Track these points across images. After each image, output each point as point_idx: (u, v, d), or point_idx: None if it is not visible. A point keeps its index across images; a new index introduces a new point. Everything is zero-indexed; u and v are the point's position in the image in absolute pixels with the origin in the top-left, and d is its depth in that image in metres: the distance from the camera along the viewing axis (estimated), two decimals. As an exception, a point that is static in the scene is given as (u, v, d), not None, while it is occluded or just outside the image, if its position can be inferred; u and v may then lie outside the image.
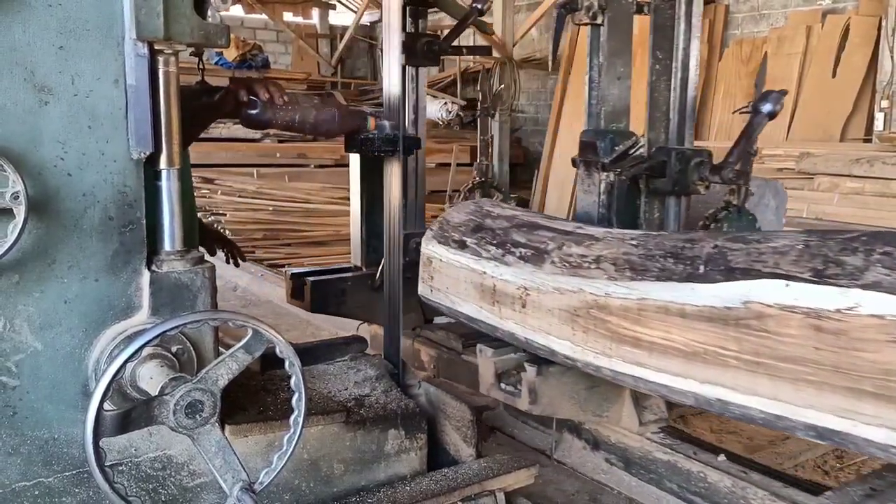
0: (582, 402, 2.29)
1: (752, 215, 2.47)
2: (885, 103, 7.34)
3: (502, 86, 5.19)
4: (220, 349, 1.73)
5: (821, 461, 2.98)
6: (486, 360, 2.38)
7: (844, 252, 1.37)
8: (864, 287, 1.29)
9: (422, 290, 2.55)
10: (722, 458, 2.26)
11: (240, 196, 7.89)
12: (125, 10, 1.60)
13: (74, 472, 1.68)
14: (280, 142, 9.02)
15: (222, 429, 1.56)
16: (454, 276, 2.33)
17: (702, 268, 1.59)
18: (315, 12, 14.36)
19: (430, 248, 2.48)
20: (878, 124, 7.38)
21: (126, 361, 1.43)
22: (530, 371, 2.20)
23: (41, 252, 1.58)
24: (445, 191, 9.03)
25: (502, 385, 2.35)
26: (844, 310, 1.31)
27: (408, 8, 3.21)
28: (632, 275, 1.74)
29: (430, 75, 11.86)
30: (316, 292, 3.19)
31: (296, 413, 1.59)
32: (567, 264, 1.93)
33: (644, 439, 2.37)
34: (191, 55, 3.06)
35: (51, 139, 1.56)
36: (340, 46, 13.73)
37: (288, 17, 14.03)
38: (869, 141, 7.39)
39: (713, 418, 3.36)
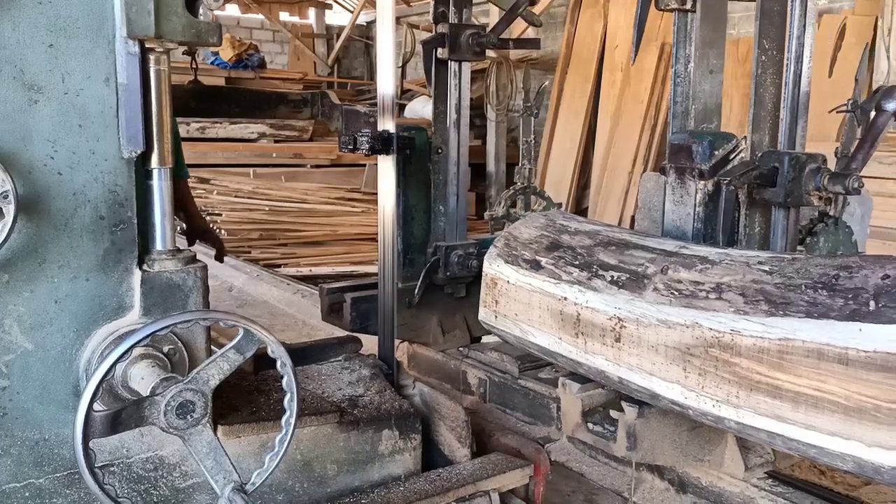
0: (683, 447, 2.03)
1: (848, 227, 2.24)
2: (881, 103, 7.35)
3: (546, 83, 4.95)
4: (214, 349, 1.72)
5: (817, 460, 2.96)
6: (571, 398, 2.10)
7: None
8: None
9: (484, 315, 2.29)
10: None
11: (236, 196, 7.88)
12: (116, 8, 1.59)
13: (65, 473, 1.67)
14: (276, 142, 9.01)
15: (214, 429, 1.55)
16: (525, 302, 2.08)
17: (872, 303, 1.33)
18: (311, 12, 14.36)
19: (495, 267, 2.21)
20: (875, 124, 7.39)
21: (116, 361, 1.42)
22: (629, 412, 1.93)
23: (31, 251, 1.57)
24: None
25: (590, 426, 2.09)
26: None
27: None
28: (769, 309, 1.48)
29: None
30: (356, 310, 2.91)
31: (287, 414, 1.59)
32: (676, 292, 1.68)
33: (747, 485, 2.09)
34: (184, 54, 3.08)
35: (41, 138, 1.55)
36: (337, 46, 13.72)
37: (284, 16, 14.03)
38: (865, 140, 7.40)
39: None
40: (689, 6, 2.13)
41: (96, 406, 1.41)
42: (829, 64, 7.71)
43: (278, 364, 1.56)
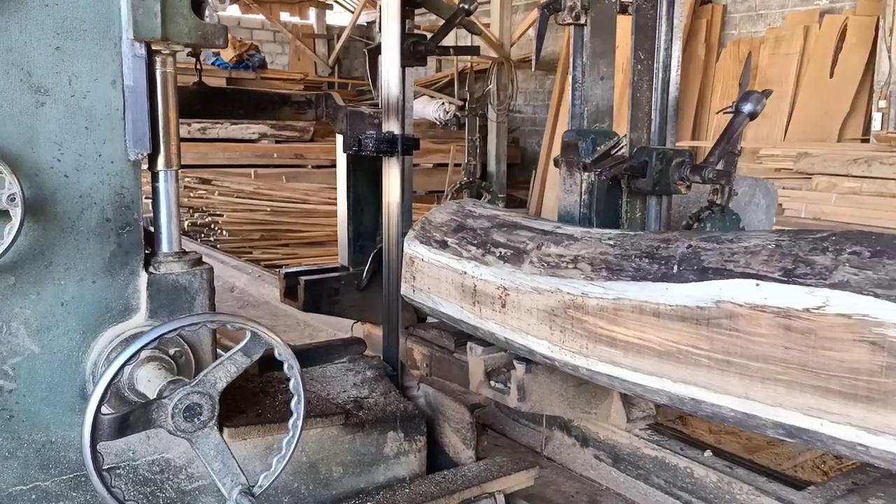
0: (570, 400, 2.33)
1: (735, 215, 2.45)
2: (882, 103, 7.35)
3: (490, 86, 5.16)
4: (220, 351, 1.72)
5: (819, 461, 2.97)
6: (476, 359, 2.41)
7: (814, 252, 1.38)
8: (832, 286, 1.30)
9: (404, 290, 2.56)
10: (708, 453, 2.28)
11: (237, 197, 7.87)
12: (122, 11, 1.59)
13: (72, 475, 1.67)
14: (277, 142, 9.01)
15: (221, 432, 1.55)
16: (436, 276, 2.34)
17: (675, 267, 1.60)
18: (312, 12, 14.36)
19: (412, 248, 2.49)
20: (876, 124, 7.39)
21: (124, 364, 1.42)
22: (519, 369, 2.23)
23: (38, 254, 1.57)
24: (443, 191, 9.03)
25: (492, 383, 2.38)
26: (813, 309, 1.32)
27: None
28: (608, 275, 1.75)
29: (428, 76, 11.86)
30: (309, 292, 3.20)
31: (294, 416, 1.58)
32: (545, 264, 1.94)
33: (632, 436, 2.40)
34: (188, 55, 3.07)
35: (47, 140, 1.55)
36: (337, 47, 13.72)
37: (285, 17, 14.02)
38: (867, 141, 7.40)
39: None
40: (582, 21, 2.38)
41: (103, 409, 1.41)
42: (830, 65, 7.71)
43: (285, 367, 1.56)
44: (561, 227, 2.11)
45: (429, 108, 9.60)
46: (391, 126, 2.44)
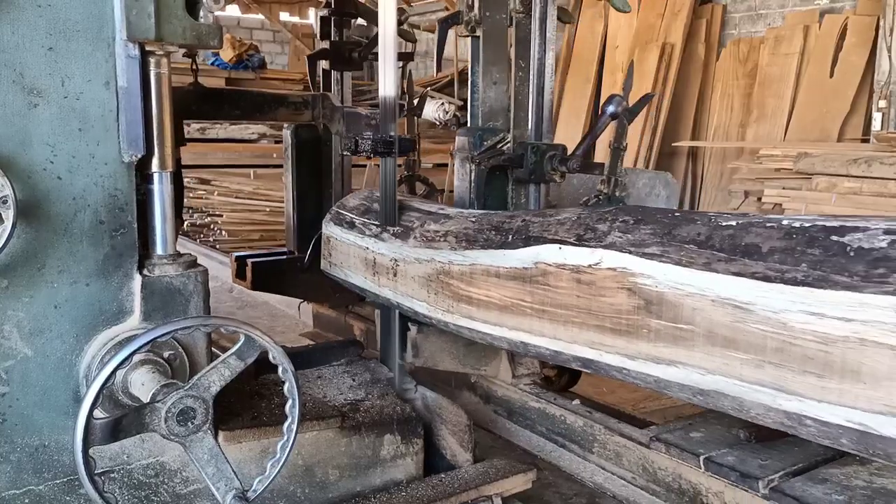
0: (461, 357, 2.69)
1: (622, 203, 2.73)
2: (882, 103, 7.34)
3: (427, 88, 5.40)
4: (217, 352, 1.71)
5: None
6: None
7: (599, 221, 1.72)
8: (605, 247, 1.63)
9: (323, 265, 2.88)
10: (576, 402, 2.59)
11: (236, 197, 7.86)
12: (116, 11, 1.58)
13: (65, 479, 1.66)
14: (276, 142, 8.99)
15: (215, 435, 1.54)
16: (346, 252, 2.69)
17: (511, 237, 1.93)
18: (312, 12, 14.34)
19: (328, 229, 2.83)
20: (876, 124, 7.38)
21: (117, 368, 1.41)
22: (413, 329, 2.57)
23: (31, 256, 1.56)
24: (442, 190, 9.02)
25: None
26: (593, 265, 1.65)
27: (332, 18, 3.57)
28: (466, 245, 2.07)
29: (428, 75, 11.83)
30: (256, 273, 3.47)
31: (289, 420, 1.57)
32: (424, 238, 2.27)
33: (522, 392, 2.77)
34: (184, 56, 3.07)
35: (40, 142, 1.54)
36: (337, 46, 13.71)
37: (284, 16, 14.03)
38: (867, 141, 7.39)
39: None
40: (477, 34, 2.70)
41: (97, 413, 1.40)
42: (830, 64, 7.69)
43: (280, 370, 1.55)
44: (444, 209, 2.44)
45: (428, 108, 9.58)
46: (388, 127, 2.43)
